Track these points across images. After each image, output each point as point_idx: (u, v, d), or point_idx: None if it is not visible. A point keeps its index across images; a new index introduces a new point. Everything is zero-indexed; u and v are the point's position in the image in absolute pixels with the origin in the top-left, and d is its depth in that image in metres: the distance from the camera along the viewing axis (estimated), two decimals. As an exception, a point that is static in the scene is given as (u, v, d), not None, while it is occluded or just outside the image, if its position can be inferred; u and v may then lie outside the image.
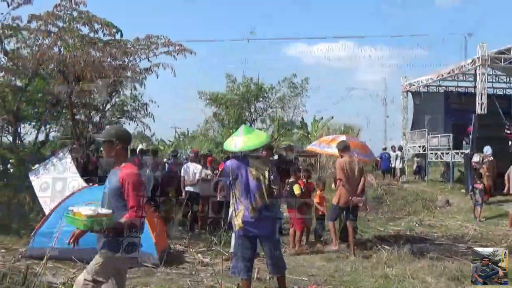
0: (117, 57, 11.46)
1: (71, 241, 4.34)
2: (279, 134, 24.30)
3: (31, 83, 11.80)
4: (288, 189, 9.23)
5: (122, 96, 13.62)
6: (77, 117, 12.88)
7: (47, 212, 8.82)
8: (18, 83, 12.03)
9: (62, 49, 11.03)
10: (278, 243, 5.72)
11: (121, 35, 11.98)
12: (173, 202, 13.25)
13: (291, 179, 9.26)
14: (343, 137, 10.87)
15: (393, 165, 21.51)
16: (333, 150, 9.97)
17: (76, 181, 9.39)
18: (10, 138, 12.28)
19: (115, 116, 13.74)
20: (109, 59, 11.37)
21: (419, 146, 22.87)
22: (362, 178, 8.67)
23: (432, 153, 21.41)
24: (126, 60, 11.80)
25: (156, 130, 47.50)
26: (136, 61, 11.88)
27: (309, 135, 26.65)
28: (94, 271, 4.11)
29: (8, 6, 10.79)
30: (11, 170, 11.82)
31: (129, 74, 11.82)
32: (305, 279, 6.84)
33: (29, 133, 13.09)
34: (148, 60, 11.74)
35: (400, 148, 22.40)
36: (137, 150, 15.00)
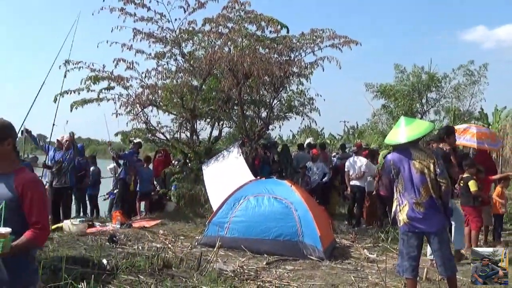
0: (283, 53, 11.66)
1: None
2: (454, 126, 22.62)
3: (205, 82, 12.63)
4: (461, 184, 8.52)
5: (289, 91, 13.79)
6: (247, 113, 13.43)
7: (213, 202, 9.37)
8: (194, 83, 12.92)
9: (231, 48, 11.56)
10: (448, 241, 5.24)
11: (288, 31, 12.15)
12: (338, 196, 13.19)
13: (466, 174, 8.51)
14: (473, 127, 10.29)
15: None
16: (466, 141, 9.89)
17: (245, 174, 9.79)
18: (188, 134, 13.25)
19: (282, 112, 13.99)
20: (275, 55, 11.63)
21: None
22: None
23: None
24: (292, 56, 11.94)
25: (326, 125, 47.65)
26: (301, 55, 11.97)
27: (490, 127, 24.34)
28: None
29: (185, 12, 11.73)
30: (190, 164, 12.79)
31: (295, 69, 11.91)
32: (482, 283, 6.21)
33: (204, 129, 14.00)
34: (313, 54, 11.74)
35: None
36: (305, 144, 15.21)
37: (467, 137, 9.85)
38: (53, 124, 10.18)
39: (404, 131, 5.18)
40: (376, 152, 12.81)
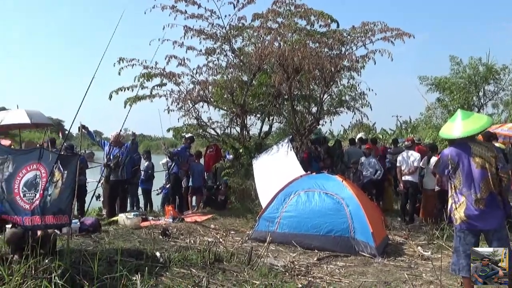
0: (334, 47, 11.51)
1: None
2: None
3: (255, 77, 12.64)
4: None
5: (340, 86, 13.58)
6: (297, 108, 13.35)
7: (262, 197, 9.37)
8: (244, 78, 12.96)
9: (281, 43, 11.50)
10: (507, 239, 5.01)
11: (338, 25, 11.99)
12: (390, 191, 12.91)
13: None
14: None
15: None
16: (503, 132, 10.44)
17: (295, 169, 9.74)
18: (238, 129, 13.34)
19: (333, 106, 13.80)
20: (325, 50, 11.49)
21: None
22: None
23: None
24: (343, 50, 11.75)
25: (378, 119, 46.59)
26: (352, 49, 11.75)
27: (556, 120, 23.21)
28: None
29: (234, 8, 11.78)
30: (241, 159, 12.86)
31: (346, 63, 11.71)
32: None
33: (254, 124, 14.04)
34: (365, 47, 11.51)
35: None
36: (356, 139, 14.99)
37: (504, 128, 10.45)
38: (120, 130, 10.37)
39: (460, 125, 4.96)
40: (436, 146, 12.39)
